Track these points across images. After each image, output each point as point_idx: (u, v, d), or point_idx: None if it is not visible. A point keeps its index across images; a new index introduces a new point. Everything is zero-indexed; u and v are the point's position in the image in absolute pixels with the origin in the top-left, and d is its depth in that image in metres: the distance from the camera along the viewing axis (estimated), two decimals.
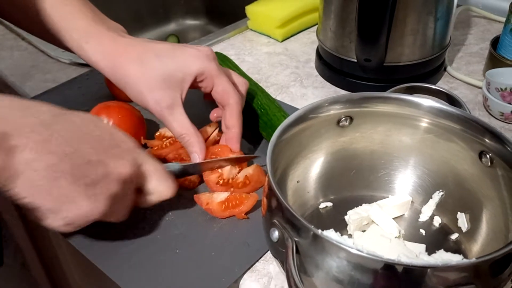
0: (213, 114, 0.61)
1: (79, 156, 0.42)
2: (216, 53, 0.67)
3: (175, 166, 0.54)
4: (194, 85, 0.57)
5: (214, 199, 0.53)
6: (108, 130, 0.47)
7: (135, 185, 0.48)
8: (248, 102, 0.63)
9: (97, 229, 0.52)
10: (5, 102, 0.41)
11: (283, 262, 0.39)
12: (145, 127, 0.63)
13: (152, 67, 0.54)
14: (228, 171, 0.56)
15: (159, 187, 0.49)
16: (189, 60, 0.55)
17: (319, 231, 0.37)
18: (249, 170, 0.56)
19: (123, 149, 0.46)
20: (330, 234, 0.42)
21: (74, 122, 0.44)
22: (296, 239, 0.39)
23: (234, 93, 0.57)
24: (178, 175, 0.54)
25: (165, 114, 0.54)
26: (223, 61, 0.73)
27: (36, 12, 0.57)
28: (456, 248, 0.49)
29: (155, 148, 0.61)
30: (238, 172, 0.56)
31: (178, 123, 0.55)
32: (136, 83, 0.54)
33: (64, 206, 0.42)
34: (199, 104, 0.65)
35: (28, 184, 0.40)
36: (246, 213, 0.53)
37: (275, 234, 0.40)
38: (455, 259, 0.47)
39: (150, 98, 0.54)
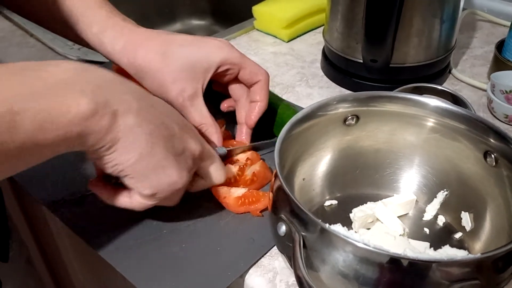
0: (224, 105, 0.61)
1: (167, 128, 0.44)
2: None
3: (222, 150, 0.55)
4: (217, 77, 0.57)
5: (231, 193, 0.54)
6: (178, 113, 0.48)
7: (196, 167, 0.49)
8: None
9: (104, 223, 0.53)
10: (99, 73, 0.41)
11: (290, 257, 0.40)
12: None
13: (176, 58, 0.54)
14: (228, 171, 0.56)
15: (215, 172, 0.50)
16: (212, 50, 0.55)
17: (327, 225, 0.38)
18: (256, 167, 0.56)
19: (193, 130, 0.49)
20: (337, 228, 0.43)
21: (154, 98, 0.45)
22: (303, 233, 0.39)
23: (262, 70, 0.57)
24: (222, 160, 0.54)
25: (187, 104, 0.55)
26: None
27: (52, 3, 0.57)
28: (459, 247, 0.50)
29: None
30: (239, 170, 0.57)
31: (199, 113, 0.55)
32: (158, 74, 0.54)
33: (155, 173, 0.43)
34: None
35: (126, 149, 0.40)
36: (261, 211, 0.53)
37: (283, 228, 0.41)
38: (460, 254, 0.47)
39: (173, 88, 0.54)
